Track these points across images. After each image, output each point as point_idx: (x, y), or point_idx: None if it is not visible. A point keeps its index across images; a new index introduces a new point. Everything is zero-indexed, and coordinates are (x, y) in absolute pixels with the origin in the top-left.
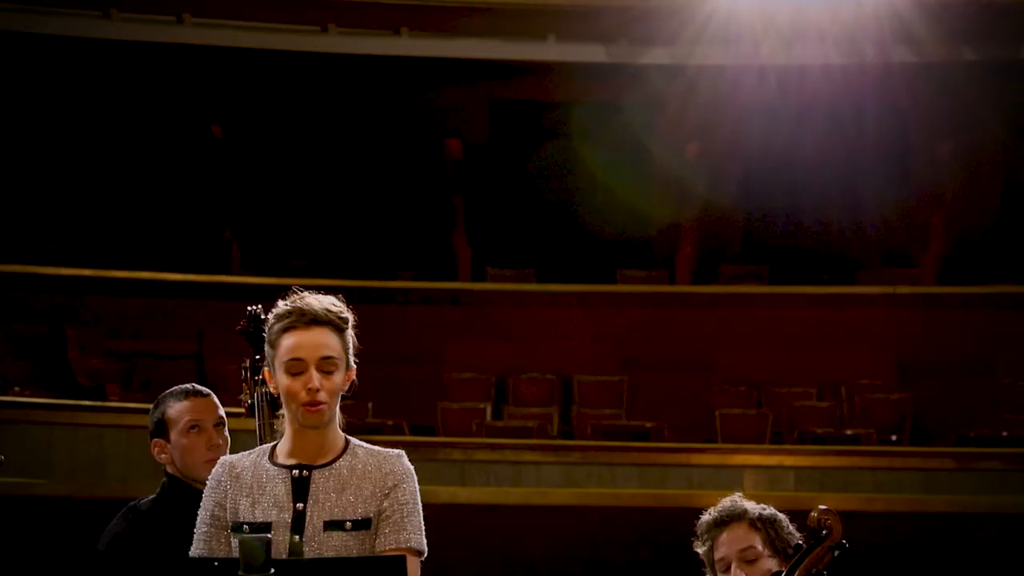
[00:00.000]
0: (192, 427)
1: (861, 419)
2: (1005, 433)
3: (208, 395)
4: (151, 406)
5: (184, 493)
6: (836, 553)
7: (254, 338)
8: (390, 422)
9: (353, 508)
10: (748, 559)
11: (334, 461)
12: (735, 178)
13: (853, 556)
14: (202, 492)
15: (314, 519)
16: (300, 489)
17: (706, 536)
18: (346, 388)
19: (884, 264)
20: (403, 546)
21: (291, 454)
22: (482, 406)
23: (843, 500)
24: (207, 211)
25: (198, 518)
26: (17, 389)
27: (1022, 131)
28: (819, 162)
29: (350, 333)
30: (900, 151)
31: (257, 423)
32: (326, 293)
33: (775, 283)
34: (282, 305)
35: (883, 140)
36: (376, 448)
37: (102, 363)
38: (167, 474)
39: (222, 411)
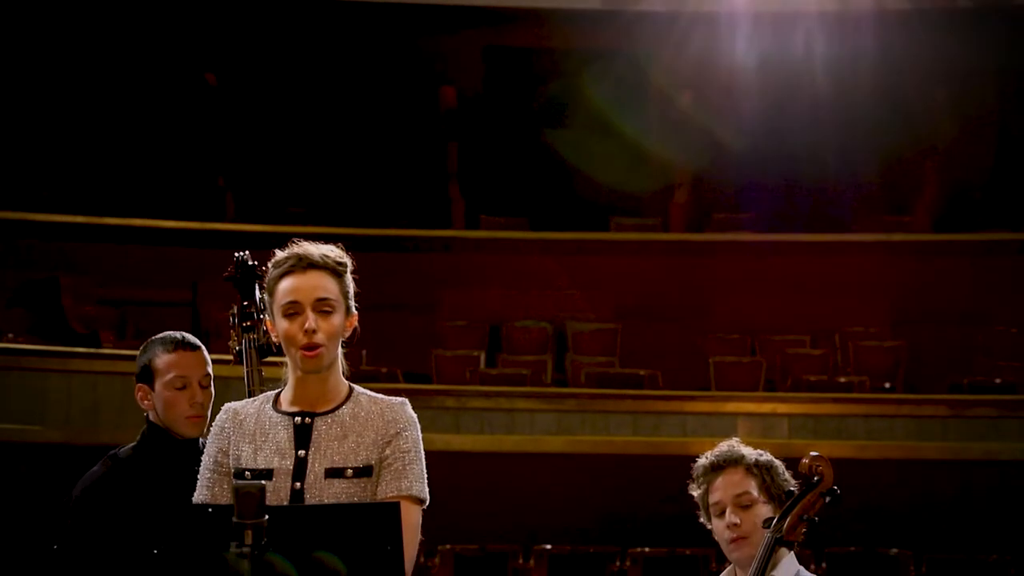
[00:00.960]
0: (178, 382)
1: (854, 367)
2: (998, 380)
3: (198, 349)
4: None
5: (163, 441)
6: (828, 499)
7: (242, 284)
8: (384, 369)
9: (355, 455)
10: (743, 504)
11: (337, 408)
12: (730, 125)
13: (844, 503)
14: (181, 441)
15: (315, 466)
16: (302, 436)
17: (702, 480)
18: (347, 334)
19: (879, 212)
20: (404, 494)
21: (294, 401)
22: (476, 354)
23: (836, 447)
24: (201, 159)
25: (202, 464)
26: (11, 336)
27: (1017, 78)
28: (814, 109)
29: (349, 279)
30: (895, 98)
31: (245, 370)
32: (320, 241)
33: (769, 231)
34: (280, 253)
35: (878, 87)
36: (379, 396)
37: (96, 310)
38: (148, 421)
39: (210, 367)
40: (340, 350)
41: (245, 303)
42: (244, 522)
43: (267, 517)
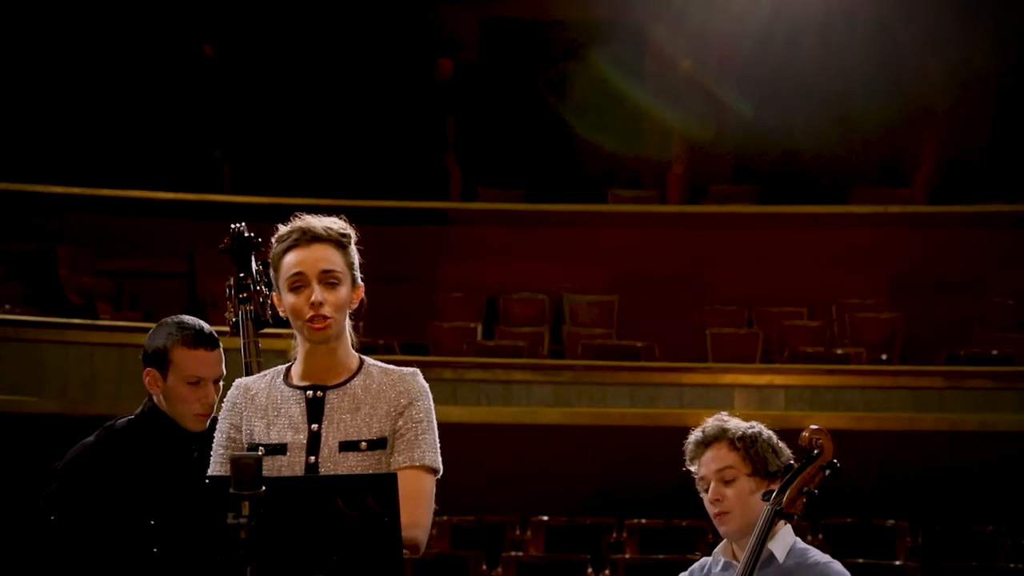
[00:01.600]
0: (192, 379)
1: (851, 338)
2: (995, 352)
3: (217, 347)
4: (152, 325)
5: (161, 423)
6: (827, 472)
7: (237, 256)
8: (381, 341)
9: (368, 428)
10: (726, 479)
11: (348, 381)
12: (727, 96)
13: (843, 475)
14: (181, 428)
15: (329, 440)
16: (315, 410)
17: (692, 456)
18: (355, 305)
19: (876, 183)
20: (416, 463)
21: (304, 375)
22: (473, 326)
23: (833, 419)
24: (198, 130)
25: (215, 440)
26: (8, 307)
27: (1015, 47)
28: (811, 79)
29: (354, 250)
30: (892, 68)
31: (242, 342)
32: (317, 213)
33: (766, 203)
34: (283, 228)
35: (875, 57)
36: (391, 367)
37: (93, 282)
38: (151, 399)
39: (224, 365)
40: (348, 322)
41: (241, 274)
42: (241, 493)
43: (264, 488)
